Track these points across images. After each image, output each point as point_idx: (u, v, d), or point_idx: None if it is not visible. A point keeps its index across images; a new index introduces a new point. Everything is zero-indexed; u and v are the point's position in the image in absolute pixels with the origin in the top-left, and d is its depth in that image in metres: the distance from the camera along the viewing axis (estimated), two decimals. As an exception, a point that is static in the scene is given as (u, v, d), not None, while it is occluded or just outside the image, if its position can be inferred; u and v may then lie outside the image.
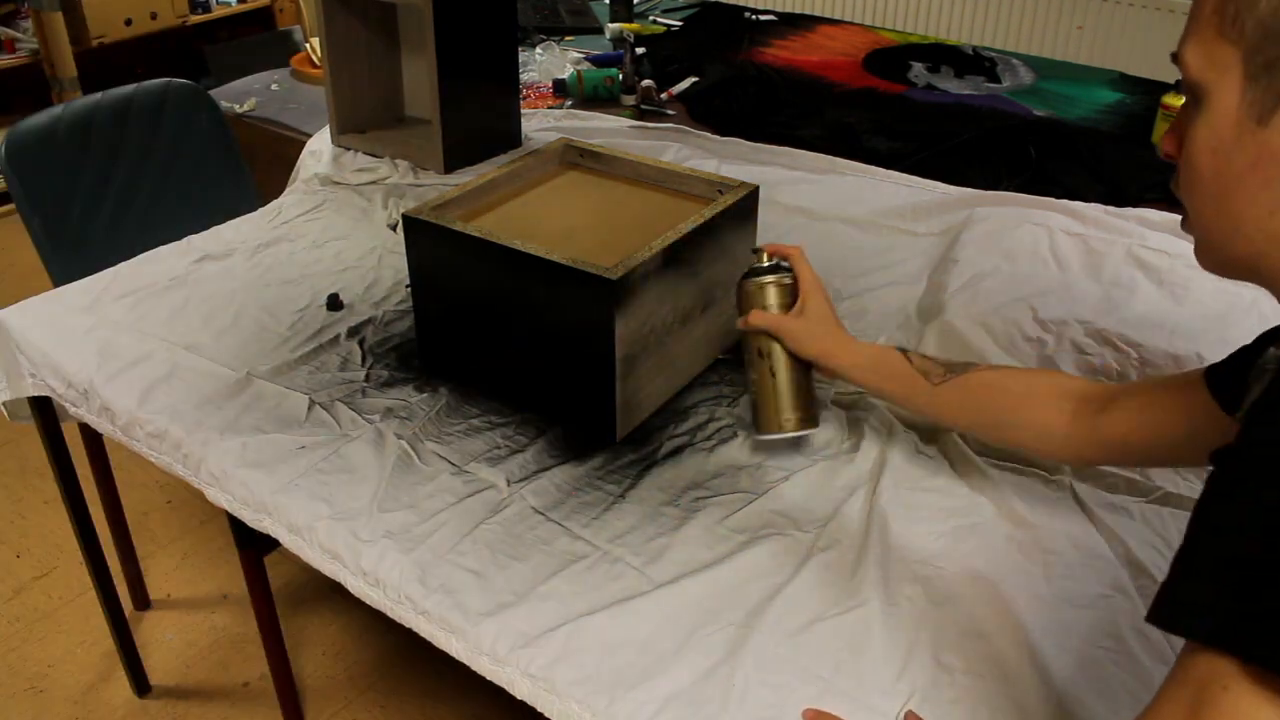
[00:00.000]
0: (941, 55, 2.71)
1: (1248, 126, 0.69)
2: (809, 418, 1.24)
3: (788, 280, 1.26)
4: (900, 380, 1.20)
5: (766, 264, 1.28)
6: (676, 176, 1.50)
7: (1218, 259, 0.77)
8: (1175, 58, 0.74)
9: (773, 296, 1.25)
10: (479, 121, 2.03)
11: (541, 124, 2.20)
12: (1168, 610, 0.65)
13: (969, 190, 1.83)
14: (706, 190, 1.46)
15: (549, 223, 1.42)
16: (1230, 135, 0.70)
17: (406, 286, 1.62)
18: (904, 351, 1.21)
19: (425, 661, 2.00)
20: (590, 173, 1.58)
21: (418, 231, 1.36)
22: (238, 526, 1.38)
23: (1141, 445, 1.03)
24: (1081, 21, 3.48)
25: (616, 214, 1.45)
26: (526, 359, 1.35)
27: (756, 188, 1.43)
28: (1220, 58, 0.70)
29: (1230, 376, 0.93)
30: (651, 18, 3.02)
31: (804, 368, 1.24)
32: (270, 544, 1.34)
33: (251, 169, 2.35)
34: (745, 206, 1.43)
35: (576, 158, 1.60)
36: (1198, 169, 0.73)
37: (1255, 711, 0.59)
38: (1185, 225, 0.78)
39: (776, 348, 1.24)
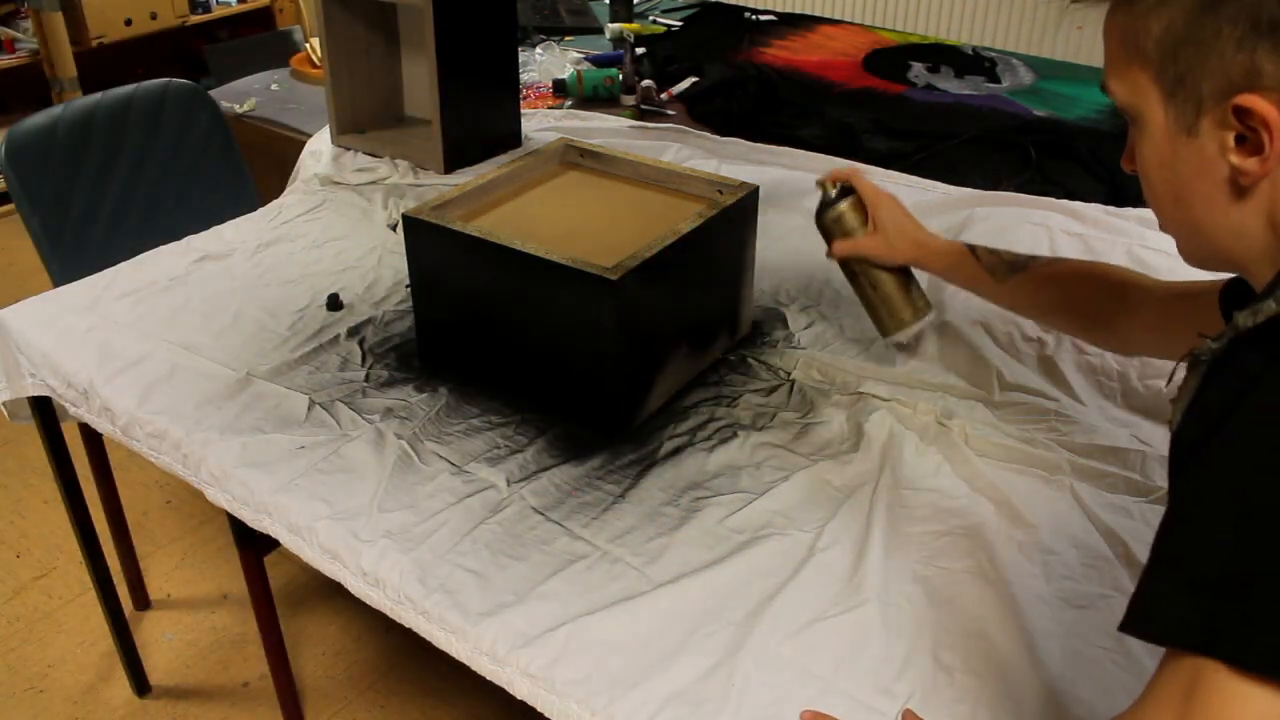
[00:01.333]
0: (941, 55, 2.71)
1: (1180, 139, 0.73)
2: (921, 308, 1.36)
3: (855, 202, 1.34)
4: (973, 279, 1.30)
5: (834, 193, 1.35)
6: (677, 177, 1.50)
7: (1195, 256, 0.81)
8: (1103, 88, 0.77)
9: (848, 222, 1.34)
10: (479, 122, 2.03)
11: (541, 124, 2.20)
12: (1146, 622, 0.68)
13: (969, 190, 1.83)
14: (707, 190, 1.46)
15: (549, 223, 1.42)
16: (1168, 149, 0.75)
17: (406, 286, 1.62)
18: (972, 248, 1.30)
19: (425, 661, 2.00)
20: (590, 173, 1.58)
21: (418, 232, 1.36)
22: (238, 526, 1.38)
23: None
24: (1082, 22, 3.48)
25: (616, 214, 1.45)
26: (526, 359, 1.35)
27: (757, 188, 1.43)
28: (1137, 82, 0.74)
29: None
30: (651, 18, 3.02)
31: (897, 270, 1.35)
32: (270, 544, 1.34)
33: (251, 169, 2.35)
34: (746, 206, 1.43)
35: (576, 158, 1.60)
36: (1151, 182, 0.78)
37: (1244, 706, 0.59)
38: (1161, 228, 0.82)
39: (865, 266, 1.35)
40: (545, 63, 2.59)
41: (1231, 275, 0.93)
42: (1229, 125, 0.70)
